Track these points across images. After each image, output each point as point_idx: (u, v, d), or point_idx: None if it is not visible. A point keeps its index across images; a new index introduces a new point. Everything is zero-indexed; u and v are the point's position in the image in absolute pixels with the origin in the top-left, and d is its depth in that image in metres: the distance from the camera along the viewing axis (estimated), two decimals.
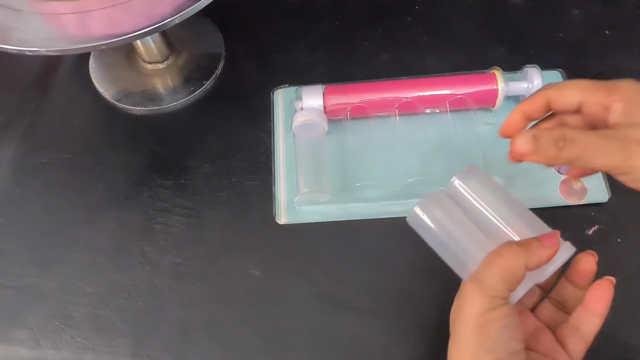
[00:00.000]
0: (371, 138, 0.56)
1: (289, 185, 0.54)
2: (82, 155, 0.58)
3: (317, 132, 0.55)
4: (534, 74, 0.55)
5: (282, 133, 0.58)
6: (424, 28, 0.66)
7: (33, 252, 0.52)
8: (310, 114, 0.54)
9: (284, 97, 0.60)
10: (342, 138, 0.56)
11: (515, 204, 0.40)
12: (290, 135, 0.57)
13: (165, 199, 0.55)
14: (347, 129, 0.56)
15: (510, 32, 0.65)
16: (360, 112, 0.56)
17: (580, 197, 0.52)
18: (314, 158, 0.53)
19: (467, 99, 0.56)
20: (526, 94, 0.56)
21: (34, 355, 0.47)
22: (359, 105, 0.55)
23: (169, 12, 0.45)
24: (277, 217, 0.53)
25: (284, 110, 0.59)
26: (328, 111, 0.56)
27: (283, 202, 0.53)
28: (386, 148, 0.55)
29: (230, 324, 0.48)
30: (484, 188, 0.40)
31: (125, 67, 0.65)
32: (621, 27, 0.64)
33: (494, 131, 0.56)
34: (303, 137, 0.55)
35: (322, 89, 0.56)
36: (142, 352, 0.47)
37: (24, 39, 0.44)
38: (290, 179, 0.55)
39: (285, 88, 0.61)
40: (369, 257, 0.50)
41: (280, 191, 0.54)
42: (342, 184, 0.54)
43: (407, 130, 0.56)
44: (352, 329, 0.47)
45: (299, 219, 0.52)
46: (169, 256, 0.51)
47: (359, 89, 0.56)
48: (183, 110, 0.61)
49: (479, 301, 0.34)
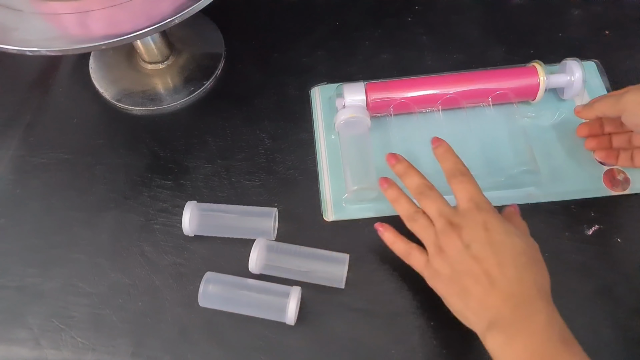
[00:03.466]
0: (415, 134, 0.55)
1: (333, 182, 0.54)
2: (82, 156, 0.58)
3: (361, 129, 0.54)
4: (574, 67, 0.55)
5: (322, 130, 0.58)
6: (424, 28, 0.66)
7: (33, 252, 0.52)
8: (354, 111, 0.54)
9: (321, 94, 0.60)
10: (386, 134, 0.56)
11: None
12: (331, 132, 0.57)
13: (165, 199, 0.55)
14: (390, 125, 0.56)
15: (511, 31, 0.65)
16: (402, 108, 0.56)
17: (624, 188, 0.53)
18: (360, 155, 0.53)
19: (509, 93, 0.55)
20: (566, 86, 0.56)
21: (34, 355, 0.47)
22: (401, 101, 0.55)
23: (169, 12, 0.45)
24: (325, 214, 0.53)
25: (322, 107, 0.59)
26: (370, 108, 0.55)
27: (329, 200, 0.53)
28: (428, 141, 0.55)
29: (230, 324, 0.48)
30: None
31: (126, 67, 0.65)
32: (621, 27, 0.64)
33: (536, 124, 0.57)
34: (347, 135, 0.54)
35: (363, 85, 0.56)
36: (142, 352, 0.47)
37: (25, 39, 0.44)
38: (336, 176, 0.54)
39: (322, 86, 0.61)
40: (370, 257, 0.51)
41: (326, 188, 0.54)
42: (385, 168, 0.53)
43: (451, 125, 0.56)
44: (352, 329, 0.47)
45: (347, 215, 0.53)
46: (169, 256, 0.51)
47: (400, 85, 0.56)
48: (183, 111, 0.61)
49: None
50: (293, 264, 0.49)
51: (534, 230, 0.49)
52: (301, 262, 0.49)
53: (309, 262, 0.49)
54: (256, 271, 0.49)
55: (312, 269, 0.48)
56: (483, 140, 0.56)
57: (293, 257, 0.49)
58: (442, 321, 0.47)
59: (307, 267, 0.48)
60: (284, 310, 0.46)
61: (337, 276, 0.48)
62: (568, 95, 0.57)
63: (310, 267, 0.48)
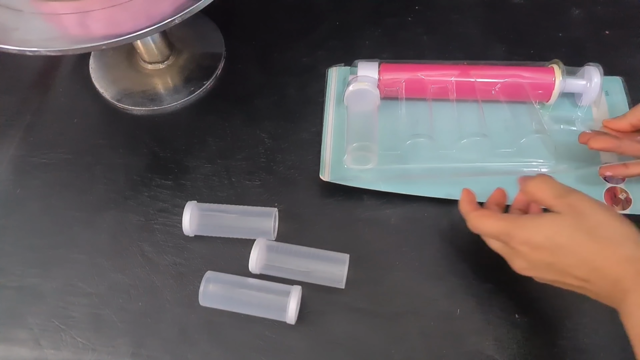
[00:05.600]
0: (425, 119, 0.55)
1: (336, 144, 0.55)
2: (82, 156, 0.58)
3: (369, 104, 0.55)
4: (592, 72, 0.53)
5: (333, 103, 0.59)
6: (424, 27, 0.66)
7: (33, 252, 0.52)
8: (364, 81, 0.54)
9: (338, 74, 0.61)
10: (395, 114, 0.56)
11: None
12: (341, 107, 0.58)
13: (165, 199, 0.55)
14: (400, 108, 0.56)
15: (511, 31, 0.65)
16: (413, 91, 0.56)
17: (625, 207, 0.51)
18: (365, 122, 0.54)
19: (523, 87, 0.54)
20: (583, 92, 0.55)
21: (34, 355, 0.47)
22: (413, 79, 0.55)
23: (169, 12, 0.45)
24: (322, 173, 0.53)
25: (337, 86, 0.60)
26: (382, 85, 0.56)
27: (328, 159, 0.54)
28: (441, 125, 0.55)
29: (231, 324, 0.48)
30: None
31: (126, 67, 0.65)
32: (621, 27, 0.64)
33: (540, 126, 0.54)
34: (355, 109, 0.55)
35: (377, 64, 0.56)
36: (142, 352, 0.47)
37: (25, 39, 0.44)
38: (339, 140, 0.55)
39: (340, 67, 0.61)
40: (370, 257, 0.51)
41: (327, 150, 0.55)
42: (390, 146, 0.54)
43: (464, 114, 0.55)
44: (352, 329, 0.47)
45: (343, 177, 0.53)
46: (169, 256, 0.51)
47: (414, 68, 0.56)
48: (183, 111, 0.61)
49: None
50: (293, 263, 0.49)
51: None
52: (301, 262, 0.49)
53: (309, 262, 0.49)
54: (256, 271, 0.49)
55: (312, 269, 0.48)
56: (495, 131, 0.55)
57: (293, 257, 0.49)
58: (442, 321, 0.47)
59: (307, 267, 0.48)
60: (284, 309, 0.46)
61: (337, 276, 0.48)
62: (585, 101, 0.55)
63: (311, 267, 0.48)
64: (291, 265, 0.49)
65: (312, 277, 0.48)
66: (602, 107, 0.57)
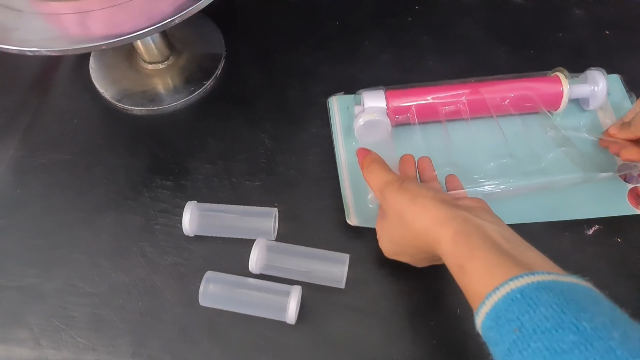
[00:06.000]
0: (440, 142, 0.54)
1: (354, 186, 0.53)
2: (82, 156, 0.58)
3: (381, 133, 0.53)
4: (597, 77, 0.54)
5: (341, 139, 0.57)
6: (425, 29, 0.66)
7: (33, 252, 0.52)
8: (372, 112, 0.53)
9: (339, 104, 0.59)
10: (410, 140, 0.55)
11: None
12: (351, 140, 0.56)
13: (166, 199, 0.55)
14: (414, 134, 0.55)
15: (511, 32, 0.65)
16: (426, 115, 0.55)
17: None
18: (383, 157, 0.51)
19: (534, 100, 0.54)
20: (590, 97, 0.55)
21: (34, 355, 0.47)
22: (423, 102, 0.54)
23: (169, 12, 0.45)
24: (348, 217, 0.52)
25: (341, 116, 0.58)
26: (391, 112, 0.54)
27: (350, 202, 0.53)
28: (461, 149, 0.54)
29: (230, 324, 0.48)
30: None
31: (126, 68, 0.65)
32: (621, 27, 0.65)
33: (561, 136, 0.54)
34: (368, 142, 0.53)
35: (383, 91, 0.55)
36: (142, 352, 0.47)
37: (25, 39, 0.44)
38: (357, 181, 0.53)
39: (340, 96, 0.60)
40: (370, 257, 0.51)
41: (346, 190, 0.53)
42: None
43: (480, 131, 0.55)
44: (352, 329, 0.47)
45: (371, 218, 0.51)
46: (169, 256, 0.51)
47: (421, 91, 0.55)
48: (183, 111, 0.61)
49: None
50: (293, 264, 0.49)
51: (534, 230, 0.49)
52: (301, 262, 0.49)
53: (309, 262, 0.49)
54: (256, 271, 0.49)
55: (312, 269, 0.48)
56: (514, 145, 0.54)
57: (293, 257, 0.49)
58: (442, 321, 0.47)
59: (307, 267, 0.48)
60: (284, 309, 0.46)
61: (337, 276, 0.48)
62: (593, 106, 0.56)
63: (311, 267, 0.48)
64: (291, 265, 0.49)
65: (312, 277, 0.48)
66: (607, 108, 0.57)
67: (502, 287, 0.33)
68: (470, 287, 0.36)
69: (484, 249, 0.36)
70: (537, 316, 0.30)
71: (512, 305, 0.31)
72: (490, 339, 0.33)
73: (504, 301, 0.32)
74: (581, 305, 0.30)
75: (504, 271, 0.34)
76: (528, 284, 0.32)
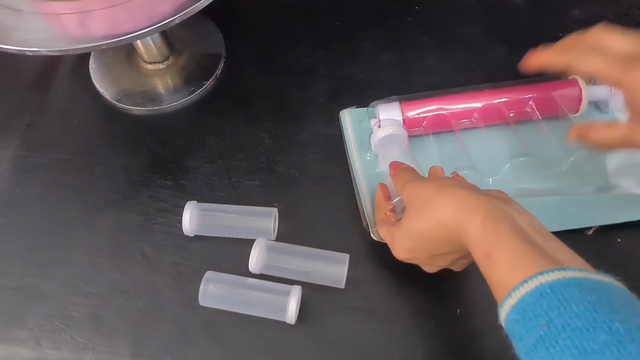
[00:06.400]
0: (457, 148, 0.53)
1: (374, 201, 0.52)
2: (82, 156, 0.58)
3: (399, 145, 0.52)
4: None
5: (356, 152, 0.56)
6: (425, 28, 0.66)
7: (33, 252, 0.52)
8: (389, 125, 0.52)
9: (351, 117, 0.58)
10: (425, 151, 0.54)
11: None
12: (366, 154, 0.55)
13: (165, 199, 0.55)
14: (429, 142, 0.54)
15: (511, 32, 0.65)
16: (440, 125, 0.54)
17: None
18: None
19: (555, 104, 0.53)
20: (609, 97, 0.54)
21: (34, 355, 0.47)
22: (439, 114, 0.53)
23: (169, 12, 0.45)
24: (372, 233, 0.50)
25: (354, 130, 0.57)
26: (407, 124, 0.53)
27: (372, 216, 0.51)
28: (476, 153, 0.53)
29: (231, 324, 0.48)
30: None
31: (126, 67, 0.65)
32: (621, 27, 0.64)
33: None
34: (388, 155, 0.51)
35: (398, 102, 0.54)
36: (142, 352, 0.47)
37: (25, 39, 0.44)
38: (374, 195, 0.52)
39: (352, 109, 0.58)
40: (370, 257, 0.51)
41: (367, 204, 0.52)
42: None
43: (497, 139, 0.54)
44: (352, 329, 0.47)
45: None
46: (168, 256, 0.51)
47: (436, 100, 0.54)
48: (183, 111, 0.61)
49: None
50: (293, 263, 0.49)
51: None
52: (301, 262, 0.49)
53: (309, 262, 0.49)
54: (256, 271, 0.49)
55: (312, 269, 0.48)
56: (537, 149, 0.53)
57: (293, 257, 0.49)
58: (442, 321, 0.47)
59: (307, 267, 0.48)
60: (284, 309, 0.46)
61: (337, 276, 0.48)
62: (613, 107, 0.55)
63: (311, 267, 0.48)
64: (291, 265, 0.49)
65: (312, 277, 0.48)
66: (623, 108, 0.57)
67: (530, 280, 0.32)
68: (495, 277, 0.35)
69: (513, 238, 0.35)
70: (567, 313, 0.29)
71: (541, 299, 0.30)
72: (515, 332, 0.32)
73: (532, 295, 0.31)
74: (614, 305, 0.29)
75: (532, 263, 0.33)
76: (559, 279, 0.31)
